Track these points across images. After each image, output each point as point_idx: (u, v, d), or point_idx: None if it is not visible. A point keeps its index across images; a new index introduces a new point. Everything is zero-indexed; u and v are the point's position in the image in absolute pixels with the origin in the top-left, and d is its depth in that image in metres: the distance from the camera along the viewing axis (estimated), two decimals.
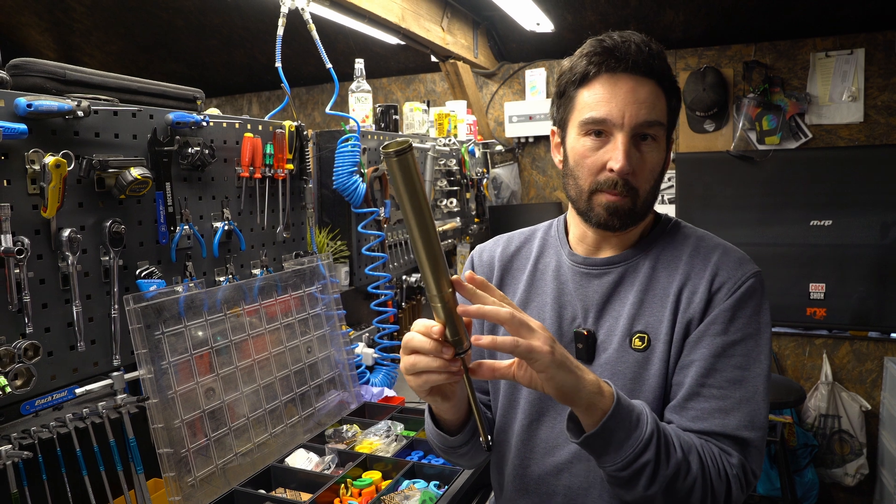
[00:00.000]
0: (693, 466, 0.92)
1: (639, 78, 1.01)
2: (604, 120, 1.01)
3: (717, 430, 0.96)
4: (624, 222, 1.05)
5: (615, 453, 0.89)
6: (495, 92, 3.95)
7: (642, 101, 1.00)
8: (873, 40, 3.18)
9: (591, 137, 1.03)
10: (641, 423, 0.89)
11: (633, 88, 1.00)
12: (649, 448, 0.88)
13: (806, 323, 3.35)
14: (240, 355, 1.67)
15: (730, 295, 1.00)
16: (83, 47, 4.30)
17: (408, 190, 0.77)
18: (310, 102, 4.42)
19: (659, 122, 1.02)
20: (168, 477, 1.40)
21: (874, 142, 3.23)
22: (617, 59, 1.00)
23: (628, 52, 1.00)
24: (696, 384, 0.98)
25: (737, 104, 3.42)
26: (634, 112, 0.99)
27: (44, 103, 1.25)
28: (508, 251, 1.25)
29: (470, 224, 3.38)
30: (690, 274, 1.04)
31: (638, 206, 1.04)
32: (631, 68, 1.00)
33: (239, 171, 1.80)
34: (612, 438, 0.88)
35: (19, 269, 1.25)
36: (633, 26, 2.09)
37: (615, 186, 1.01)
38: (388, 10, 2.58)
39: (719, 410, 0.97)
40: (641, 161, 1.02)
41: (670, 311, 1.03)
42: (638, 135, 1.02)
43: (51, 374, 1.33)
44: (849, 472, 3.29)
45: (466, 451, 1.13)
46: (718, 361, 0.98)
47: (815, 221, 3.32)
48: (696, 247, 1.08)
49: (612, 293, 1.09)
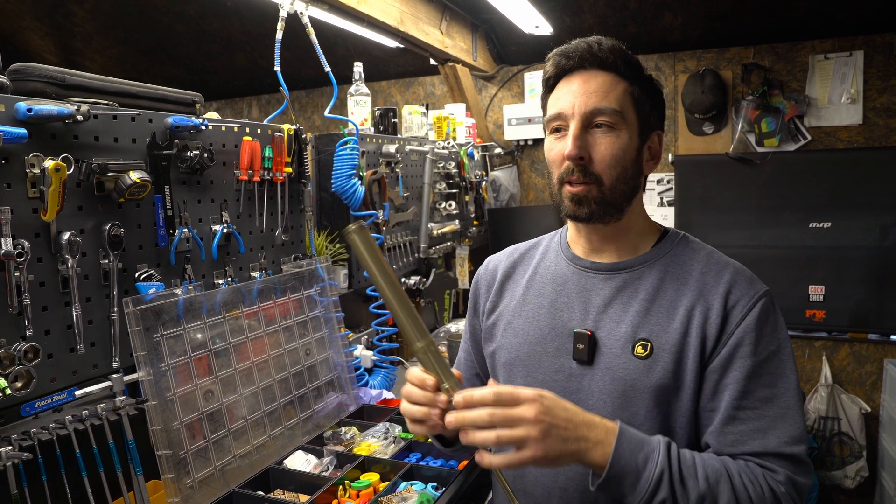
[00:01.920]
0: (722, 496, 0.93)
1: (590, 72, 1.06)
2: (558, 114, 1.07)
3: (758, 450, 0.98)
4: (592, 211, 1.06)
5: (631, 495, 0.93)
6: (494, 95, 3.96)
7: (592, 92, 1.05)
8: (872, 42, 3.19)
9: (554, 135, 1.09)
10: (650, 464, 0.92)
11: (584, 81, 1.06)
12: (661, 487, 0.91)
13: (805, 325, 3.35)
14: (238, 358, 1.68)
15: (746, 313, 1.02)
16: (84, 51, 4.32)
17: (372, 259, 0.91)
18: (309, 106, 4.44)
19: (611, 108, 1.04)
20: (167, 478, 1.41)
21: (873, 144, 3.23)
22: (567, 58, 1.07)
23: (577, 50, 1.06)
24: (731, 408, 1.00)
25: (736, 106, 3.42)
26: (583, 101, 1.04)
27: (44, 108, 1.26)
28: (512, 259, 1.28)
29: (469, 227, 3.39)
30: (703, 290, 1.05)
31: (607, 194, 1.06)
32: (579, 65, 1.06)
33: (238, 175, 1.81)
34: (623, 483, 0.92)
35: (19, 272, 1.26)
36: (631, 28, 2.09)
37: (572, 173, 1.05)
38: (386, 13, 2.59)
39: (757, 431, 0.98)
40: (596, 147, 1.05)
41: (680, 324, 1.03)
42: (592, 123, 1.05)
43: (50, 377, 1.33)
44: (849, 475, 3.28)
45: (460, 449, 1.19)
46: (750, 383, 1.00)
47: (815, 223, 3.32)
48: (707, 263, 1.09)
49: (615, 298, 1.10)
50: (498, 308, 1.23)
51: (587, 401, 1.06)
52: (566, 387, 1.08)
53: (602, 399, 1.05)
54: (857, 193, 3.23)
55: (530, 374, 1.12)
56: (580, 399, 1.07)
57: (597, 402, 1.06)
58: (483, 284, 1.29)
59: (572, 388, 1.08)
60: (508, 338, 1.17)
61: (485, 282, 1.29)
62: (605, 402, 1.05)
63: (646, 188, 1.20)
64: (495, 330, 1.22)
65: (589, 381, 1.07)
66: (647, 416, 1.03)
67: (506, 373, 1.16)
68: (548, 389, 1.09)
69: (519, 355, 1.14)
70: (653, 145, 1.13)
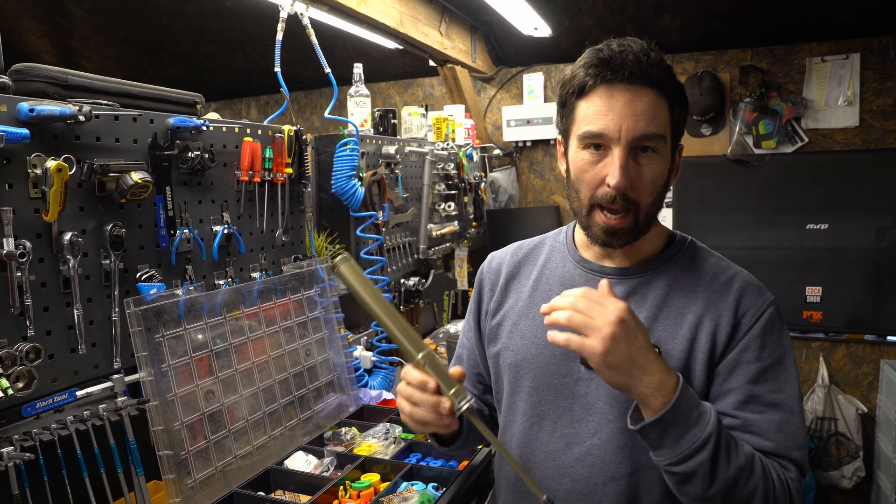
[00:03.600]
0: (756, 474, 0.93)
1: (637, 88, 0.98)
2: (601, 134, 0.99)
3: (770, 450, 0.98)
4: (624, 240, 1.05)
5: (671, 448, 0.91)
6: (493, 96, 3.97)
7: (640, 114, 0.97)
8: (868, 45, 3.20)
9: (589, 151, 1.02)
10: (702, 422, 0.90)
11: (630, 100, 0.98)
12: (706, 447, 0.89)
13: (802, 326, 3.36)
14: (239, 358, 1.68)
15: (755, 321, 1.03)
16: (82, 51, 4.31)
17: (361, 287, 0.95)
18: (308, 106, 4.44)
19: (658, 134, 0.99)
20: (168, 479, 1.41)
21: (870, 146, 3.25)
22: (613, 71, 0.98)
23: (625, 62, 0.97)
24: (739, 412, 1.00)
25: (733, 108, 3.44)
26: (631, 125, 0.97)
27: (46, 108, 1.27)
28: (517, 258, 1.26)
29: (468, 228, 3.39)
30: (713, 299, 1.05)
31: (640, 221, 1.04)
32: (628, 79, 0.97)
33: (238, 175, 1.82)
34: (668, 433, 0.90)
35: (21, 272, 1.26)
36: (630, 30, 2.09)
37: (614, 201, 1.00)
38: (386, 15, 2.60)
39: (766, 433, 0.99)
40: (640, 174, 1.00)
41: (688, 331, 1.04)
42: (637, 147, 0.99)
43: (52, 377, 1.33)
44: (845, 475, 3.30)
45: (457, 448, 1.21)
46: (756, 388, 1.00)
47: (812, 225, 3.34)
48: (716, 272, 1.09)
49: None
50: (503, 308, 1.22)
51: (594, 405, 1.06)
52: (574, 390, 1.08)
53: (609, 404, 1.05)
54: (854, 195, 3.24)
55: (537, 377, 1.12)
56: (587, 403, 1.07)
57: (604, 407, 1.06)
58: (487, 282, 1.27)
59: (580, 392, 1.08)
60: (515, 339, 1.17)
61: (489, 280, 1.27)
62: (611, 407, 1.05)
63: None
64: (500, 331, 1.21)
65: (597, 386, 1.06)
66: None
67: (512, 374, 1.16)
68: (555, 393, 1.10)
69: (526, 357, 1.14)
70: (678, 161, 1.11)
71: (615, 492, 1.04)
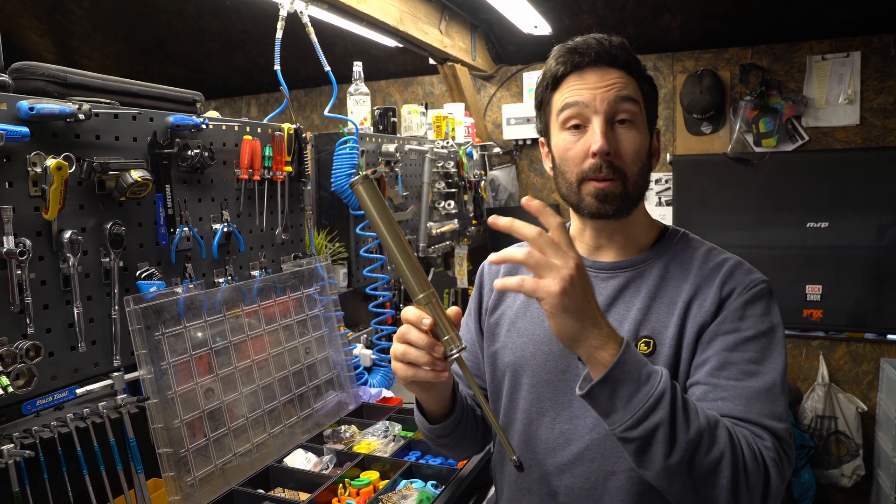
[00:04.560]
0: (720, 439, 0.86)
1: (605, 69, 1.05)
2: (577, 102, 1.04)
3: (740, 415, 0.92)
4: (617, 207, 1.05)
5: (623, 409, 0.84)
6: (493, 94, 3.97)
7: (612, 84, 1.03)
8: (869, 43, 3.20)
9: (570, 131, 1.06)
10: (653, 380, 0.85)
11: (600, 77, 1.04)
12: (661, 405, 0.83)
13: (803, 324, 3.36)
14: (239, 356, 1.69)
15: (738, 297, 1.01)
16: (82, 50, 4.32)
17: (377, 210, 0.89)
18: (308, 105, 4.44)
19: (632, 98, 1.04)
20: (168, 476, 1.41)
21: (870, 144, 3.25)
22: (581, 55, 1.04)
23: (590, 47, 1.04)
24: (711, 377, 0.97)
25: (734, 107, 3.43)
26: (605, 94, 1.03)
27: (45, 106, 1.27)
28: None
29: (468, 226, 3.39)
30: (701, 284, 1.05)
31: (630, 190, 1.05)
32: (594, 61, 1.04)
33: (238, 174, 1.82)
34: (618, 391, 0.84)
35: (21, 270, 1.26)
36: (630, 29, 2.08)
37: (600, 170, 1.03)
38: (386, 13, 2.59)
39: (739, 398, 0.94)
40: (621, 142, 1.04)
41: (678, 318, 1.03)
42: (615, 120, 1.04)
43: (52, 375, 1.34)
44: (845, 473, 3.30)
45: (448, 443, 1.18)
46: (732, 355, 0.97)
47: (812, 223, 3.34)
48: (706, 258, 1.08)
49: (618, 297, 1.10)
50: (500, 307, 1.22)
51: None
52: (573, 387, 1.07)
53: None
54: (855, 193, 3.24)
55: (535, 374, 1.12)
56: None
57: None
58: (487, 281, 1.29)
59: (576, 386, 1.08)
60: (513, 338, 1.17)
61: (489, 278, 1.29)
62: None
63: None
64: (498, 329, 1.21)
65: None
66: None
67: (511, 372, 1.16)
68: (553, 389, 1.09)
69: (524, 355, 1.14)
70: (655, 143, 1.14)
71: (616, 487, 1.04)
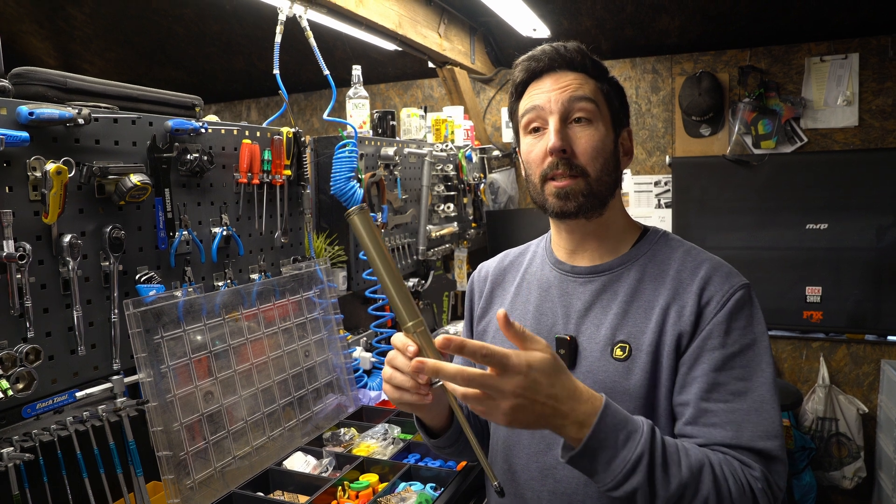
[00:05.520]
0: (703, 486, 0.88)
1: (561, 72, 1.09)
2: (535, 107, 1.08)
3: (731, 442, 0.94)
4: (580, 204, 1.06)
5: (603, 473, 0.87)
6: (492, 97, 3.97)
7: (566, 86, 1.08)
8: (867, 45, 3.21)
9: (532, 135, 1.10)
10: (631, 443, 0.86)
11: (556, 80, 1.09)
12: (638, 468, 0.85)
13: (803, 326, 3.36)
14: (238, 359, 1.69)
15: (720, 308, 1.00)
16: (83, 54, 4.33)
17: (370, 240, 0.92)
18: (308, 108, 4.45)
19: (587, 97, 1.07)
20: (167, 479, 1.42)
21: (869, 145, 3.25)
22: (537, 61, 1.10)
23: (545, 53, 1.10)
24: (701, 400, 0.97)
25: (732, 109, 3.44)
26: (559, 96, 1.07)
27: (45, 111, 1.28)
28: (503, 265, 1.29)
29: (467, 229, 3.40)
30: (678, 289, 1.04)
31: (594, 186, 1.06)
32: (549, 66, 1.09)
33: (237, 177, 1.82)
34: (598, 457, 0.86)
35: (21, 274, 1.27)
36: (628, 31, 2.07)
37: (557, 167, 1.06)
38: (385, 17, 2.60)
39: (730, 423, 0.95)
40: (577, 140, 1.06)
41: (656, 324, 1.02)
42: (571, 118, 1.07)
43: (52, 378, 1.34)
44: (846, 475, 3.30)
45: (451, 452, 1.20)
46: (720, 375, 0.97)
47: (811, 225, 3.34)
48: (683, 261, 1.07)
49: (595, 301, 1.10)
50: (488, 314, 1.25)
51: None
52: None
53: None
54: (854, 195, 3.24)
55: None
56: None
57: None
58: (476, 290, 1.32)
59: None
60: (497, 344, 1.17)
61: (478, 287, 1.31)
62: None
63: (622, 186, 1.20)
64: (485, 336, 1.23)
65: None
66: None
67: None
68: None
69: None
70: (625, 142, 1.15)
71: (597, 491, 1.03)
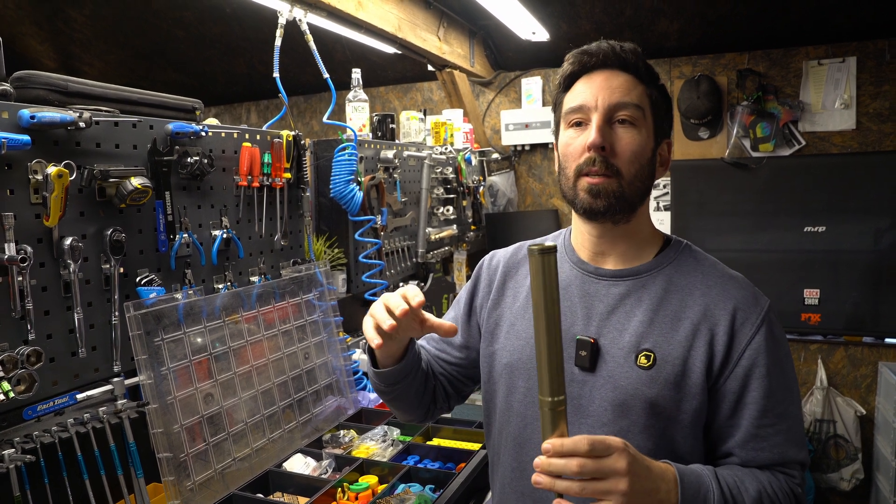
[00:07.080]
0: None
1: (612, 71, 1.08)
2: (580, 106, 1.07)
3: (779, 461, 1.04)
4: (610, 205, 1.06)
5: None
6: (492, 100, 3.98)
7: (615, 88, 1.07)
8: (865, 49, 3.22)
9: (573, 129, 1.09)
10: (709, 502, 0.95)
11: (606, 78, 1.08)
12: None
13: (801, 328, 3.37)
14: (238, 361, 1.70)
15: (755, 332, 1.05)
16: (83, 57, 4.34)
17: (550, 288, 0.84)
18: (308, 111, 4.46)
19: (634, 104, 1.06)
20: (167, 481, 1.42)
21: (867, 149, 3.26)
22: (591, 56, 1.09)
23: (600, 49, 1.09)
24: (754, 426, 1.03)
25: (731, 112, 3.45)
26: (607, 96, 1.06)
27: (46, 115, 1.28)
28: (516, 257, 1.27)
29: (466, 231, 3.41)
30: (709, 306, 1.06)
31: (626, 191, 1.06)
32: (602, 63, 1.08)
33: (237, 180, 1.83)
34: None
35: (22, 276, 1.27)
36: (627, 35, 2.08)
37: (594, 163, 1.05)
38: (384, 20, 2.61)
39: (778, 445, 1.03)
40: (618, 140, 1.06)
41: (685, 338, 1.05)
42: (615, 119, 1.06)
43: (53, 380, 1.35)
44: (844, 477, 3.30)
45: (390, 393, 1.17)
46: (769, 401, 1.03)
47: (809, 227, 3.35)
48: (712, 276, 1.10)
49: (619, 305, 1.10)
50: (500, 307, 1.23)
51: (588, 407, 1.07)
52: (568, 392, 1.09)
53: (603, 406, 1.06)
54: (852, 198, 3.25)
55: (531, 378, 1.12)
56: (581, 406, 1.07)
57: (597, 410, 1.06)
58: (484, 277, 1.29)
59: (573, 393, 1.08)
60: (511, 340, 1.17)
61: (487, 275, 1.28)
62: (605, 410, 1.05)
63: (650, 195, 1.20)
64: (497, 330, 1.21)
65: (591, 389, 1.07)
66: (647, 426, 1.03)
67: (507, 375, 1.17)
68: None
69: (521, 358, 1.14)
70: (663, 152, 1.14)
71: None
